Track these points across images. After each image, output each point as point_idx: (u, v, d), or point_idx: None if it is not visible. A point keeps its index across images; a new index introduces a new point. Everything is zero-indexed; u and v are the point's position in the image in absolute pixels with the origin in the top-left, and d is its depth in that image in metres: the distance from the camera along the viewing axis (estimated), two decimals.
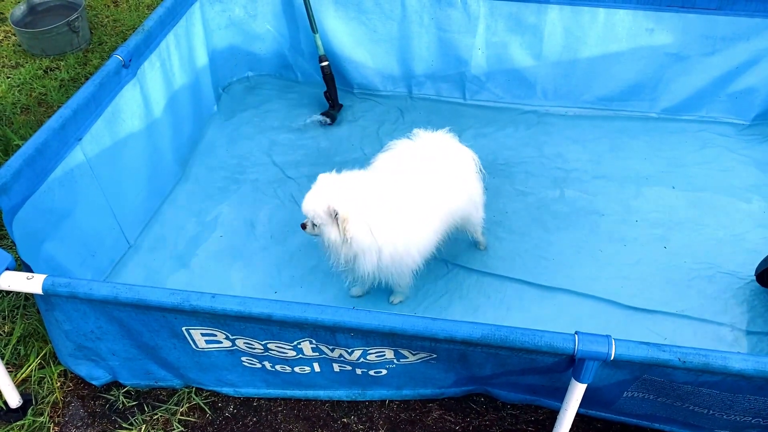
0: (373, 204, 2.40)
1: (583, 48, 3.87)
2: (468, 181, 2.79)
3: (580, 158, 3.71)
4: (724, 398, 1.94)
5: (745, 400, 1.94)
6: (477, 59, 4.01)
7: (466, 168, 2.79)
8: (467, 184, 2.79)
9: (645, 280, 3.01)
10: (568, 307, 2.91)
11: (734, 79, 3.83)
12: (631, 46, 3.82)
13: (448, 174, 2.69)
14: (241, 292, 2.99)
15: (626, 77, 3.92)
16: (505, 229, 3.29)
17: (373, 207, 2.40)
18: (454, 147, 2.79)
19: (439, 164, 2.68)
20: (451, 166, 2.73)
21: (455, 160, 2.76)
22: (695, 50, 3.78)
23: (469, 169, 2.79)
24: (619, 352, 1.81)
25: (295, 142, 3.88)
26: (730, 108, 3.91)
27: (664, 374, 1.90)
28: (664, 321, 2.84)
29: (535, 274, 3.05)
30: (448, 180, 2.68)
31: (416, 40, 4.04)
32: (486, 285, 3.03)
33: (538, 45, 3.91)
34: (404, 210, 2.49)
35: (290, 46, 4.25)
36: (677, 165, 3.64)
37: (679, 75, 3.87)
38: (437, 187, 2.63)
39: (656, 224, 3.29)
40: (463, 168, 2.78)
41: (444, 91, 4.19)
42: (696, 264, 3.08)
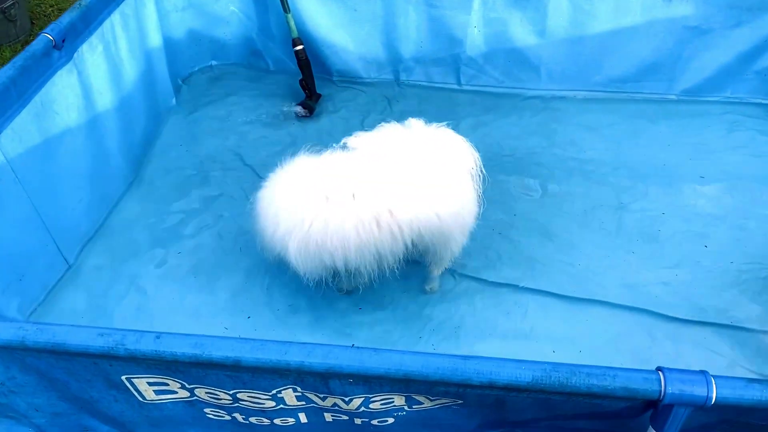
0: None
1: (593, 23, 3.41)
2: (461, 187, 2.23)
3: (596, 147, 3.24)
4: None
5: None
6: (473, 39, 3.53)
7: (462, 170, 2.25)
8: (459, 192, 2.21)
9: (689, 286, 2.54)
10: (604, 323, 2.43)
11: (762, 54, 3.39)
12: (647, 20, 3.37)
13: (436, 172, 2.16)
14: (206, 319, 2.45)
15: (641, 55, 3.47)
16: (519, 230, 2.80)
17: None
18: (451, 143, 2.28)
19: (428, 159, 2.17)
20: (443, 164, 2.19)
21: (449, 157, 2.23)
22: (718, 22, 3.34)
23: (465, 173, 2.25)
24: (723, 394, 1.33)
25: (267, 138, 3.35)
26: (758, 87, 3.47)
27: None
28: (718, 335, 2.37)
29: (560, 284, 2.55)
30: (435, 179, 2.15)
31: (403, 19, 3.54)
32: (503, 298, 2.53)
33: (541, 21, 3.44)
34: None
35: (259, 29, 3.72)
36: (705, 151, 3.19)
37: (701, 51, 3.42)
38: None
39: (692, 219, 2.82)
40: (458, 169, 2.24)
41: (436, 76, 3.69)
42: (745, 264, 2.62)
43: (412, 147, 2.20)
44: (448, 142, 2.28)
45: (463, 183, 2.23)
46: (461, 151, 2.28)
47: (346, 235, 2.03)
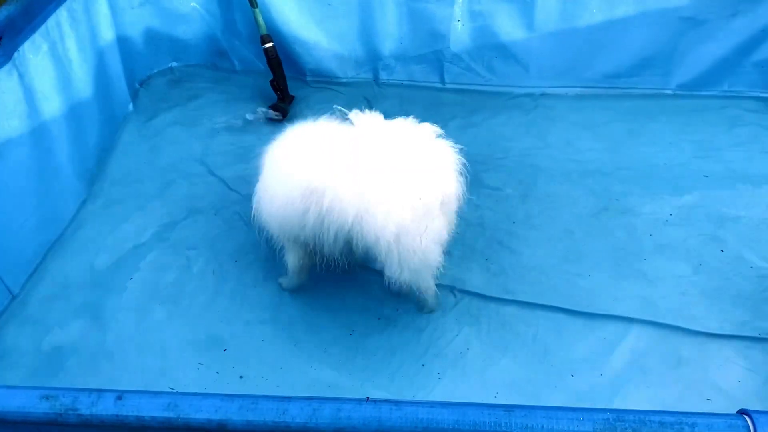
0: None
1: (584, 14, 3.20)
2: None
3: (594, 147, 3.02)
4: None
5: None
6: (457, 34, 3.28)
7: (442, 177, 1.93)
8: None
9: (709, 295, 2.33)
10: (623, 340, 2.18)
11: (760, 45, 3.22)
12: (640, 11, 3.17)
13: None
14: (175, 354, 2.15)
15: (635, 48, 3.27)
16: (520, 239, 2.55)
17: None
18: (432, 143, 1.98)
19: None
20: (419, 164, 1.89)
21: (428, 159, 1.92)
22: (714, 12, 3.16)
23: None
24: None
25: (236, 145, 3.04)
26: (756, 80, 3.30)
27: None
28: (749, 349, 2.15)
29: (571, 298, 2.31)
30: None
31: (380, 14, 3.28)
32: (510, 317, 2.27)
33: (529, 13, 3.22)
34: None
35: (223, 26, 3.41)
36: (709, 149, 2.99)
37: (697, 43, 3.24)
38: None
39: (704, 222, 2.62)
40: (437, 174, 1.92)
41: (418, 74, 3.43)
42: (765, 269, 2.41)
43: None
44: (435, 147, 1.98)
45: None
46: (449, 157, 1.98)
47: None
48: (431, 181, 1.89)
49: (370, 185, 1.82)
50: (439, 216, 1.93)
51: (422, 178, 1.87)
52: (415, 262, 1.93)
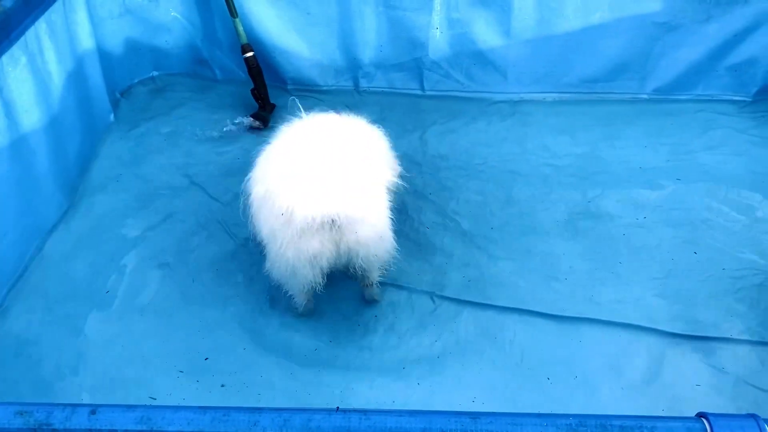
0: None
1: (560, 21, 3.25)
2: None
3: (571, 151, 3.07)
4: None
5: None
6: (436, 41, 3.32)
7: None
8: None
9: (683, 297, 2.37)
10: (599, 343, 2.23)
11: (733, 50, 3.28)
12: (615, 16, 3.22)
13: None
14: (157, 363, 2.17)
15: (611, 53, 3.32)
16: (498, 244, 2.59)
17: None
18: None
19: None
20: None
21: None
22: (688, 17, 3.22)
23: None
24: None
25: (218, 154, 3.06)
26: (729, 83, 3.37)
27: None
28: (720, 349, 2.20)
29: (548, 302, 2.35)
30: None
31: (360, 22, 3.31)
32: (486, 321, 2.31)
33: (506, 20, 3.26)
34: None
35: (204, 36, 3.43)
36: (683, 152, 3.05)
37: (671, 48, 3.29)
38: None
39: (678, 225, 2.67)
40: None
41: (398, 81, 3.47)
42: (738, 270, 2.46)
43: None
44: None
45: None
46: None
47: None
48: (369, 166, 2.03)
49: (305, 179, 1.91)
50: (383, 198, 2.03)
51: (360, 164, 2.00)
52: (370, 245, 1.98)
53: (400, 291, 2.39)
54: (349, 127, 2.25)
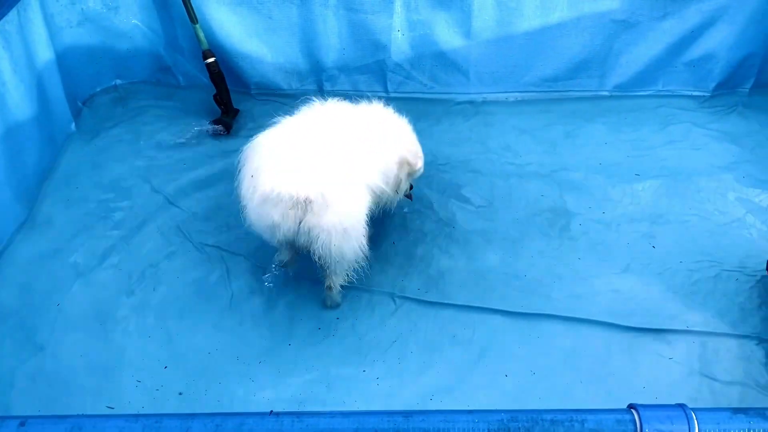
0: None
1: (520, 21, 3.27)
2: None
3: (533, 150, 3.09)
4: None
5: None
6: (397, 43, 3.33)
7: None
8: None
9: (640, 292, 2.41)
10: (557, 338, 2.26)
11: (690, 46, 3.34)
12: (574, 15, 3.26)
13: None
14: (115, 373, 2.16)
15: (571, 52, 3.36)
16: (460, 244, 2.61)
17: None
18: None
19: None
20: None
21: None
22: (645, 14, 3.26)
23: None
24: (706, 429, 1.14)
25: (181, 161, 3.04)
26: (688, 79, 3.42)
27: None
28: (675, 341, 2.24)
29: (508, 299, 2.37)
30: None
31: (322, 26, 3.31)
32: (448, 320, 2.32)
33: (467, 21, 3.28)
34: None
35: (166, 42, 3.42)
36: (643, 148, 3.09)
37: (630, 45, 3.34)
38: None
39: (636, 219, 2.71)
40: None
41: (362, 84, 3.48)
42: (694, 263, 2.50)
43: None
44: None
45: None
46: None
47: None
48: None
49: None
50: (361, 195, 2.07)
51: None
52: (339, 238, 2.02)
53: (361, 293, 2.40)
54: (364, 115, 2.34)
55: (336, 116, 2.27)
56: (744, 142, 3.11)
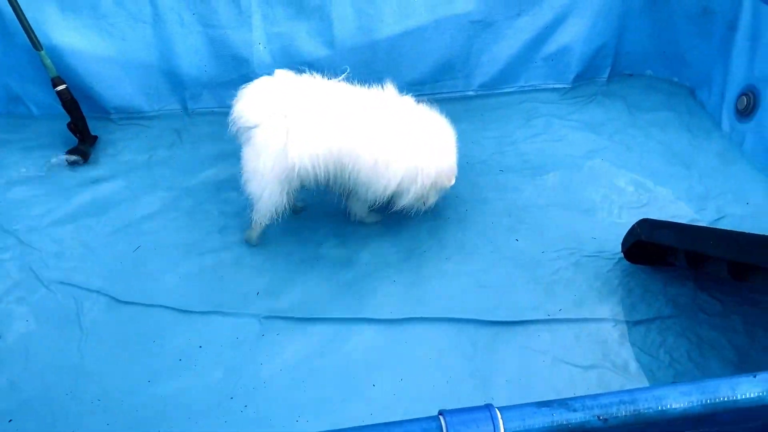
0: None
1: (381, 27, 3.30)
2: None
3: None
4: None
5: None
6: (260, 56, 3.28)
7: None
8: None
9: (505, 284, 2.45)
10: (426, 341, 2.26)
11: (546, 41, 3.46)
12: (432, 18, 3.31)
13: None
14: None
15: (434, 55, 3.41)
16: (326, 259, 2.58)
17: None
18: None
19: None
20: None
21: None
22: (501, 13, 3.36)
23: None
24: (512, 427, 1.15)
25: (34, 196, 2.86)
26: (548, 73, 3.54)
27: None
28: (539, 331, 2.29)
29: (378, 307, 2.36)
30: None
31: (180, 44, 3.22)
32: (316, 335, 2.28)
33: (328, 30, 3.27)
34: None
35: (12, 71, 3.22)
36: (507, 143, 3.18)
37: (489, 44, 3.43)
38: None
39: (499, 214, 2.76)
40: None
41: (228, 99, 3.21)
42: (555, 252, 2.58)
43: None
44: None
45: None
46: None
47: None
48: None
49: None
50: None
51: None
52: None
53: (225, 317, 2.32)
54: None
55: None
56: (602, 130, 3.25)
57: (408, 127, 2.38)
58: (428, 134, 2.42)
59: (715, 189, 2.86)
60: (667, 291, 2.39)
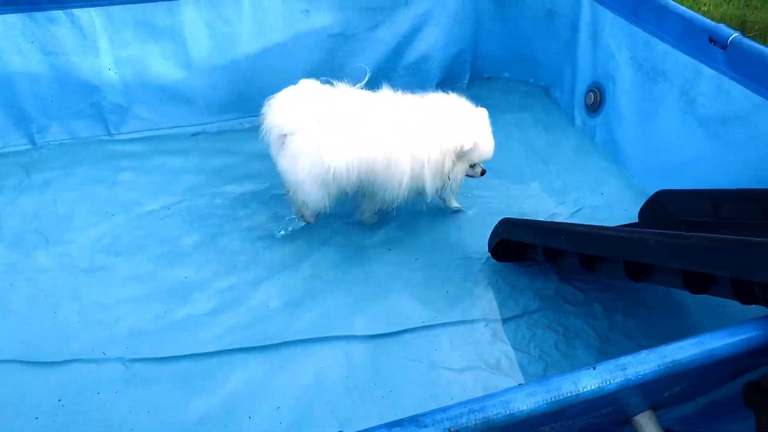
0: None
1: (238, 46, 3.23)
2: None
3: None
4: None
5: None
6: (111, 82, 3.12)
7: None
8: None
9: (380, 297, 2.45)
10: (303, 364, 2.21)
11: (406, 50, 3.53)
12: (292, 34, 3.29)
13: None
14: None
15: (297, 69, 3.34)
16: (182, 290, 2.47)
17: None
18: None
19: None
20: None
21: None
22: (359, 26, 3.39)
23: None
24: None
25: None
26: (411, 81, 3.58)
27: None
28: (415, 339, 2.31)
29: (239, 336, 2.28)
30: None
31: (19, 75, 3.00)
32: (187, 373, 2.17)
33: (183, 51, 3.17)
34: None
35: None
36: None
37: (351, 56, 3.44)
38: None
39: (372, 226, 2.76)
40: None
41: (81, 130, 3.20)
42: (429, 259, 2.62)
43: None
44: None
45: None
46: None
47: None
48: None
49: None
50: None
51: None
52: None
53: (86, 365, 2.17)
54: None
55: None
56: None
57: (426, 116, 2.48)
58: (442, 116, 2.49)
59: (573, 182, 3.02)
60: (533, 286, 2.49)
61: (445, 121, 2.45)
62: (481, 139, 2.47)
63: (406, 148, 2.40)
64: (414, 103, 2.53)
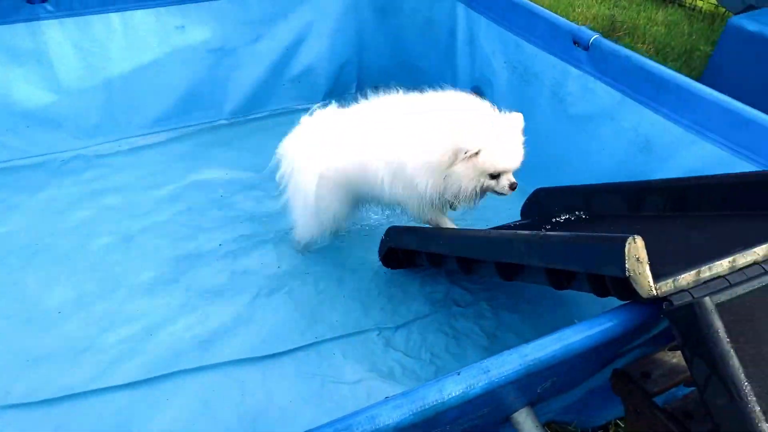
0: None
1: (109, 65, 3.11)
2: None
3: (153, 196, 2.93)
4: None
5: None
6: None
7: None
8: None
9: (268, 317, 2.39)
10: (191, 395, 2.11)
11: (290, 63, 3.51)
12: (167, 51, 3.20)
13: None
14: None
15: (176, 87, 3.29)
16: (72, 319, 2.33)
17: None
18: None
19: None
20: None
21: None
22: (239, 40, 3.34)
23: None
24: None
25: None
26: (298, 94, 3.58)
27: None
28: (308, 356, 2.26)
29: (127, 371, 2.17)
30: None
31: None
32: (58, 419, 2.03)
33: (50, 74, 3.01)
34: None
35: None
36: (260, 170, 3.14)
37: (233, 71, 3.39)
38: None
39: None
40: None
41: None
42: (318, 268, 2.59)
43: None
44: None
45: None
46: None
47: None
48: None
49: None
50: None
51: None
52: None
53: None
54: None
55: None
56: None
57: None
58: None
59: None
60: (423, 290, 2.50)
61: (444, 121, 2.17)
62: (489, 144, 2.01)
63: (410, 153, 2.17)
64: (419, 105, 2.25)
